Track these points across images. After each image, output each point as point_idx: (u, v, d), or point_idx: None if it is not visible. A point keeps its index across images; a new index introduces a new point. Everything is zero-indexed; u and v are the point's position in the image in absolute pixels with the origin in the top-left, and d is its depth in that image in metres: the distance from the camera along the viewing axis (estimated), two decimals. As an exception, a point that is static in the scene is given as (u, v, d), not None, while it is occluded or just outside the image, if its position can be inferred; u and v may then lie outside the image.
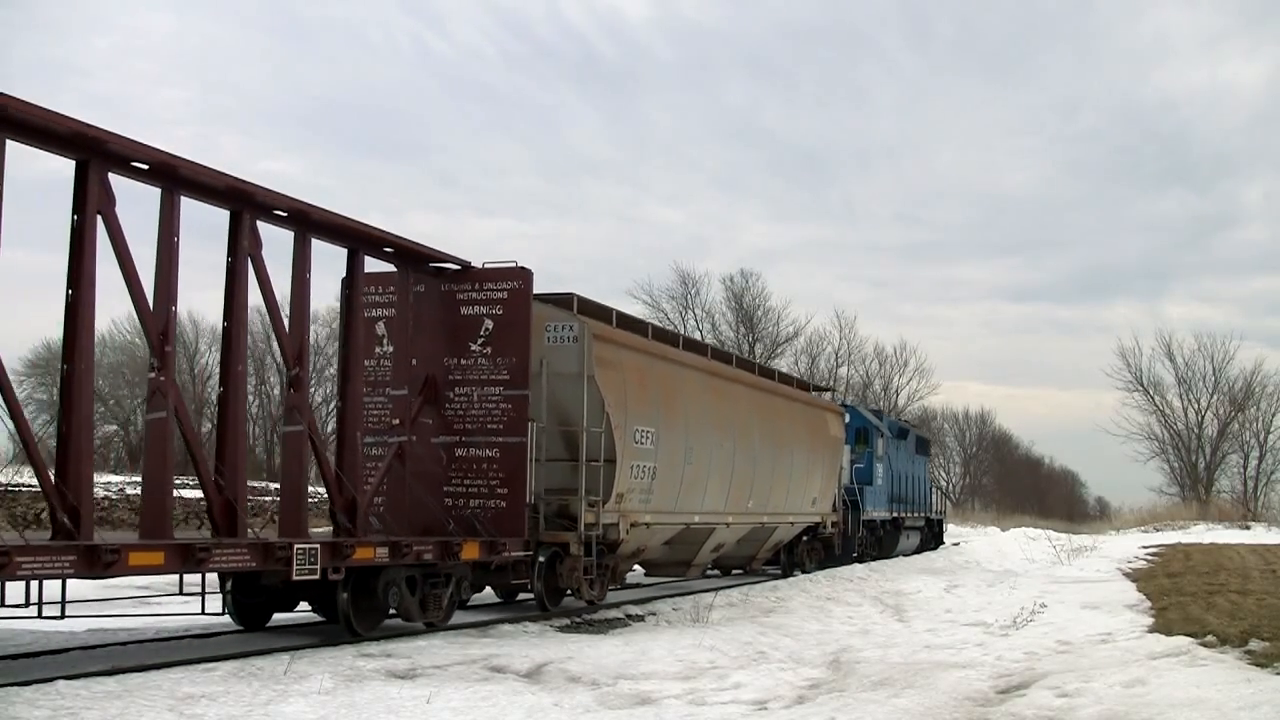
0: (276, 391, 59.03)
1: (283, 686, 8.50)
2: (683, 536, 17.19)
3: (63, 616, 9.23)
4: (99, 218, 8.97)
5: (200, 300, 70.39)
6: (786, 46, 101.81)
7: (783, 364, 60.13)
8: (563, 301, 14.22)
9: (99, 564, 8.63)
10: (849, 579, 21.04)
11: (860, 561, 26.25)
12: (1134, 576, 23.35)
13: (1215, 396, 73.40)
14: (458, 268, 13.10)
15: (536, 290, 13.32)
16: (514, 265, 13.11)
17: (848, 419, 26.28)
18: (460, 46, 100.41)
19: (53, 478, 8.86)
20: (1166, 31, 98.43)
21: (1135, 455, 74.64)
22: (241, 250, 10.32)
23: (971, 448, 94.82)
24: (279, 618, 12.32)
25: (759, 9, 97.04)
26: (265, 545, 10.13)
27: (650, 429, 15.05)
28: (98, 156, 9.01)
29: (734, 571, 22.26)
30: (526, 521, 12.89)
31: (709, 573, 20.64)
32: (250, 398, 64.60)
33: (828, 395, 27.25)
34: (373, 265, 12.39)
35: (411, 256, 12.53)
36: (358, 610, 11.37)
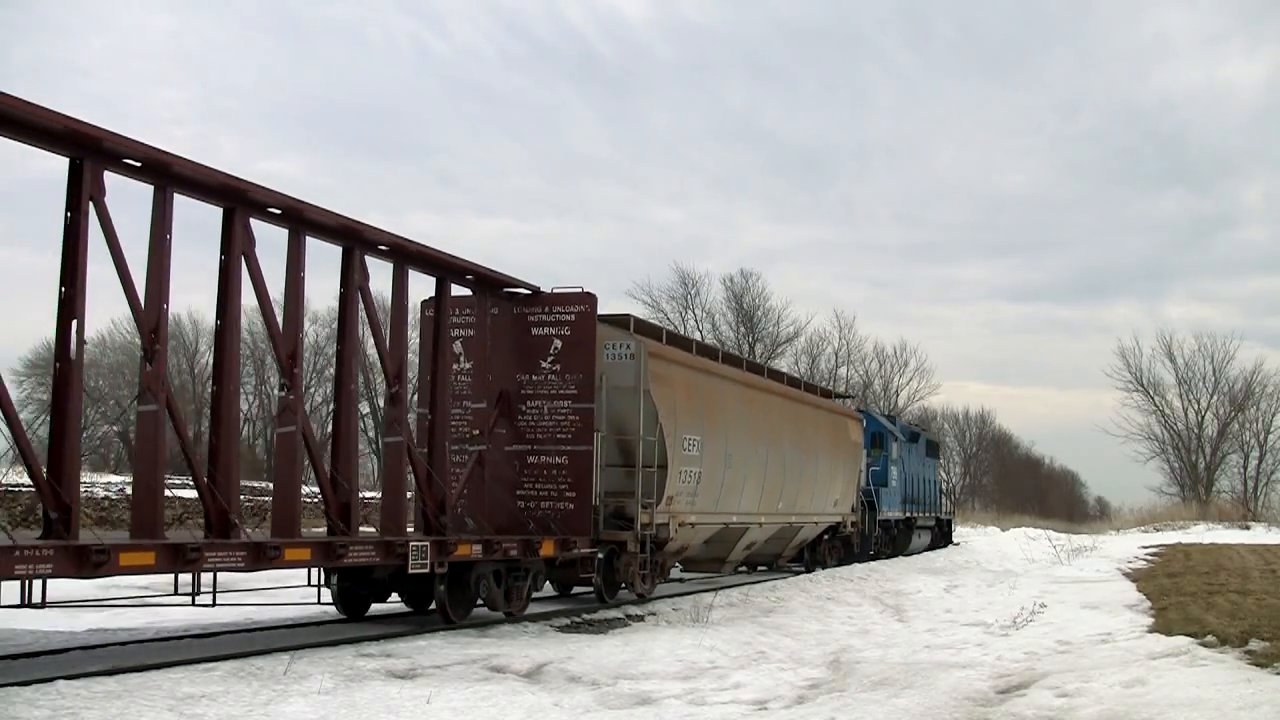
0: (276, 392, 59.11)
1: (283, 686, 8.50)
2: (721, 535, 18.48)
3: (214, 604, 10.35)
4: (243, 258, 10.17)
5: (197, 302, 70.39)
6: (786, 47, 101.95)
7: (783, 364, 60.16)
8: (620, 322, 15.70)
9: (264, 559, 9.99)
10: (849, 579, 21.03)
11: (877, 559, 27.32)
12: (1134, 576, 23.33)
13: (1215, 396, 73.62)
14: (528, 292, 14.23)
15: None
16: (580, 290, 14.26)
17: (864, 424, 27.37)
18: (459, 46, 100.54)
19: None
20: (1166, 32, 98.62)
21: (1135, 455, 74.84)
22: (353, 283, 11.51)
23: (971, 448, 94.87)
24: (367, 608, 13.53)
25: (758, 9, 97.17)
26: (387, 543, 11.38)
27: (696, 437, 16.44)
28: (242, 204, 10.18)
29: (759, 568, 23.41)
30: (593, 521, 14.12)
31: (739, 569, 21.91)
32: (251, 398, 64.73)
33: (848, 402, 28.80)
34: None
35: (489, 283, 13.76)
36: (453, 600, 12.53)
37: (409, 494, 13.40)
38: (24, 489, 26.69)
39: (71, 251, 8.82)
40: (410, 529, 12.77)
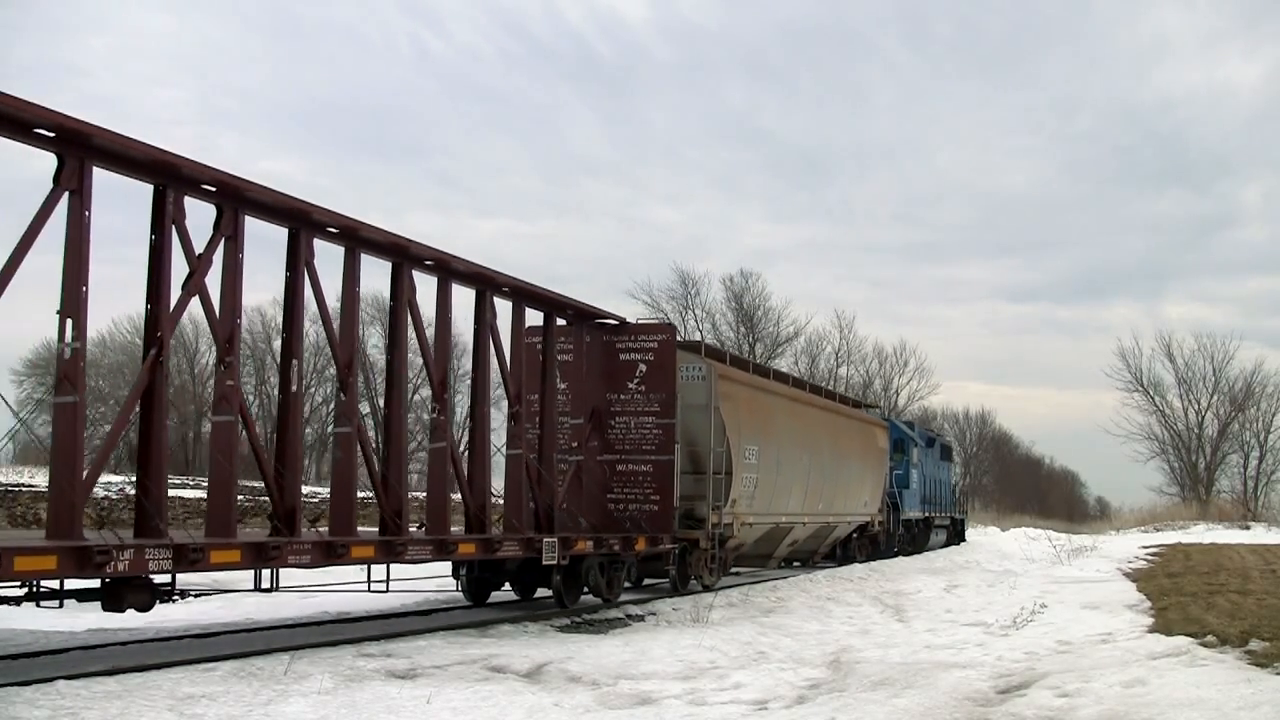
0: (275, 392, 59.60)
1: (283, 686, 8.50)
2: (770, 534, 20.71)
3: (387, 590, 12.21)
4: (408, 306, 12.08)
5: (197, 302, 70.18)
6: (785, 47, 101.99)
7: (783, 364, 60.15)
8: (693, 347, 18.35)
9: (445, 551, 12.14)
10: (849, 579, 21.01)
11: (900, 556, 29.20)
12: (1134, 576, 23.30)
13: (1215, 396, 73.58)
14: (616, 323, 16.31)
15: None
16: (661, 321, 16.45)
17: (889, 431, 29.69)
18: (459, 47, 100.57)
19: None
20: (1165, 32, 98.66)
21: (1135, 455, 74.82)
22: (484, 320, 13.47)
23: (971, 448, 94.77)
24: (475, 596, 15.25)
25: (757, 9, 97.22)
26: (528, 539, 13.38)
27: (754, 447, 18.66)
28: (407, 259, 12.06)
29: (794, 563, 25.44)
30: (674, 521, 16.15)
31: (780, 564, 23.88)
32: (251, 398, 64.77)
33: (873, 411, 31.50)
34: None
35: (584, 315, 15.78)
36: (566, 588, 14.46)
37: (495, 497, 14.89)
38: (24, 489, 26.71)
39: (291, 307, 10.85)
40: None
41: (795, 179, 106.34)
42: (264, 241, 10.90)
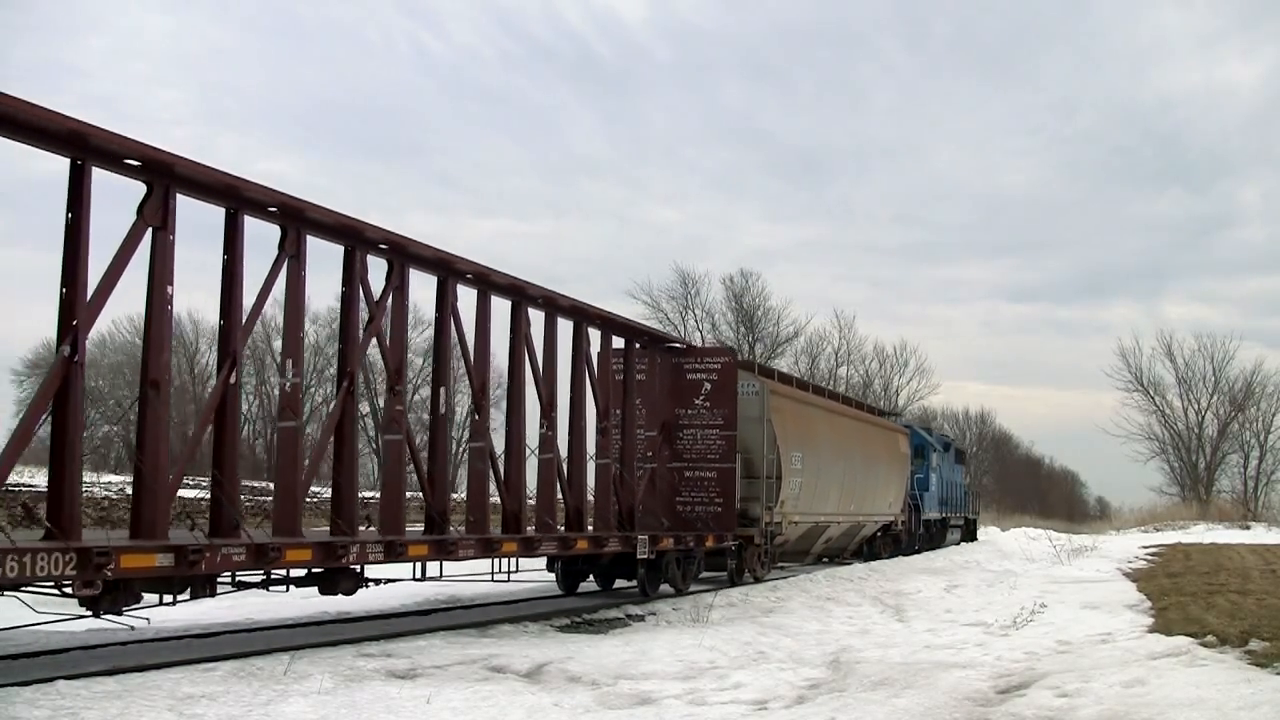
0: (276, 391, 59.52)
1: (283, 686, 8.50)
2: (809, 532, 22.80)
3: (509, 580, 13.60)
4: (525, 341, 13.87)
5: (198, 300, 70.42)
6: (784, 47, 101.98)
7: (783, 364, 60.10)
8: (747, 366, 20.56)
9: (566, 547, 14.06)
10: (849, 579, 21.00)
11: (919, 553, 30.85)
12: (1134, 576, 23.31)
13: (1215, 396, 73.68)
14: (683, 346, 18.95)
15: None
16: (724, 346, 18.76)
17: (911, 438, 31.77)
18: (458, 47, 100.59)
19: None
20: (1163, 32, 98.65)
21: (1135, 455, 74.94)
22: (582, 350, 15.11)
23: (971, 448, 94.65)
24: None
25: (756, 10, 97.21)
26: (625, 536, 15.31)
27: (799, 453, 20.94)
28: (524, 298, 13.78)
29: (824, 560, 26.89)
30: (735, 520, 18.17)
31: (814, 560, 25.73)
32: (251, 398, 64.82)
33: (895, 419, 34.59)
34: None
35: (657, 340, 18.14)
36: (649, 579, 16.37)
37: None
38: (23, 489, 26.68)
39: (439, 343, 12.63)
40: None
41: (795, 179, 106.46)
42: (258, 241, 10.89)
